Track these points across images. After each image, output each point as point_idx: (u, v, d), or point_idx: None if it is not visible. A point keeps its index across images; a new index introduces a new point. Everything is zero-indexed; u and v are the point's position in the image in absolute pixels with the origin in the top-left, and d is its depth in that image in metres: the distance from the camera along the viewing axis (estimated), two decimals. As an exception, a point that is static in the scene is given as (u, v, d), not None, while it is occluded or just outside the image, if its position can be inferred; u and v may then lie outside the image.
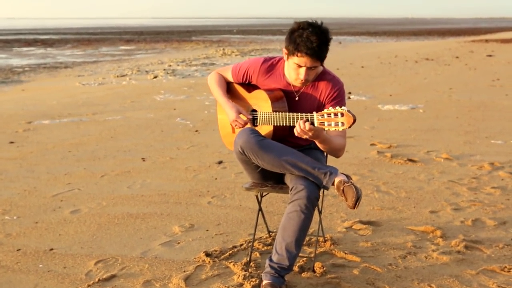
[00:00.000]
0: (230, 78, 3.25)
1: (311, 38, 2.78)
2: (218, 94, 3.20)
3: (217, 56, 22.68)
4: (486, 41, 31.66)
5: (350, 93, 10.50)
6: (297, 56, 2.85)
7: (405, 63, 17.69)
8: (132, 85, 12.98)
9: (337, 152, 2.96)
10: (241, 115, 3.07)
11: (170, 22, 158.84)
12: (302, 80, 2.93)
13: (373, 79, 13.34)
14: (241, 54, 23.68)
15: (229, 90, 3.25)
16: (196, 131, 7.31)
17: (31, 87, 13.12)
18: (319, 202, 3.05)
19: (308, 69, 2.88)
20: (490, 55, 20.28)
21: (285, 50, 2.93)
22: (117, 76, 15.13)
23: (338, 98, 3.02)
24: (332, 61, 18.32)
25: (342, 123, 2.56)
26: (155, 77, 14.75)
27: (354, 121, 2.56)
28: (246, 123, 3.07)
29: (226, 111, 3.13)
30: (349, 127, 2.57)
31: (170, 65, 18.45)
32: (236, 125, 3.09)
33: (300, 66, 2.88)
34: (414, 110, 8.72)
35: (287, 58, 2.94)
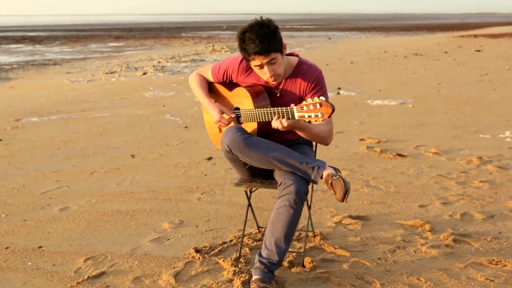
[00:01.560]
0: (210, 78, 3.24)
1: (252, 37, 2.82)
2: (200, 95, 3.20)
3: (207, 53, 22.63)
4: (475, 36, 31.81)
5: (339, 88, 10.50)
6: (251, 60, 2.89)
7: (394, 59, 17.74)
8: (121, 82, 12.93)
9: (324, 139, 2.96)
10: (224, 115, 3.07)
11: (160, 18, 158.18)
12: (271, 77, 2.93)
13: (362, 74, 13.37)
14: (231, 50, 23.63)
15: (210, 90, 3.25)
16: (186, 127, 7.30)
17: (19, 84, 13.03)
18: (308, 197, 3.06)
19: (269, 64, 2.89)
20: (478, 50, 20.37)
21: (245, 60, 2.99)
22: (106, 73, 15.06)
23: (318, 86, 3.02)
24: (322, 57, 18.35)
25: (322, 113, 2.61)
26: (145, 73, 14.69)
27: (333, 110, 2.61)
28: (230, 122, 3.07)
29: (209, 112, 3.13)
30: (329, 116, 2.61)
31: (159, 62, 18.38)
32: (220, 125, 3.10)
33: (261, 66, 2.90)
34: (403, 105, 8.75)
35: (249, 65, 2.99)
